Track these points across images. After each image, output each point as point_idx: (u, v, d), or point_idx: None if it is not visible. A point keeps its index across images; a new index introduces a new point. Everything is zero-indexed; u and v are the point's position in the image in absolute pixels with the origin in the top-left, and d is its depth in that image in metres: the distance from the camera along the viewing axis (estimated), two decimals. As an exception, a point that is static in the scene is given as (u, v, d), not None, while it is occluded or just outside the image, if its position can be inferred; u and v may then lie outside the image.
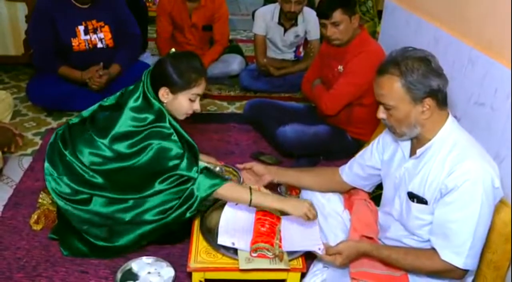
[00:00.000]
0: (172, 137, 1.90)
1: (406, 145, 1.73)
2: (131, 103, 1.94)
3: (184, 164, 1.87)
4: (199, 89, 1.96)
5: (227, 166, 2.37)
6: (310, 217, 1.79)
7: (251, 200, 1.82)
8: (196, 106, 2.00)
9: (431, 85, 1.52)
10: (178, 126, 1.96)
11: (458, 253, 1.53)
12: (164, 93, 1.94)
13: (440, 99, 1.57)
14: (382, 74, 1.57)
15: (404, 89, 1.53)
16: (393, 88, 1.54)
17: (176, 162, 1.87)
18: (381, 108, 1.63)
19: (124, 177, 1.95)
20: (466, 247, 1.52)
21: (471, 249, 1.53)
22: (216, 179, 1.88)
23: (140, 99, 1.94)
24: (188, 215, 1.89)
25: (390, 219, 1.80)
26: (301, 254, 1.78)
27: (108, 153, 1.94)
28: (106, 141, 1.93)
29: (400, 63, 1.54)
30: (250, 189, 1.85)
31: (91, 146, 1.96)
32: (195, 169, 1.87)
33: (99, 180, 1.97)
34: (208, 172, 1.90)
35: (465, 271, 1.57)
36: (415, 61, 1.53)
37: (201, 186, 1.86)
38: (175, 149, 1.88)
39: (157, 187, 1.91)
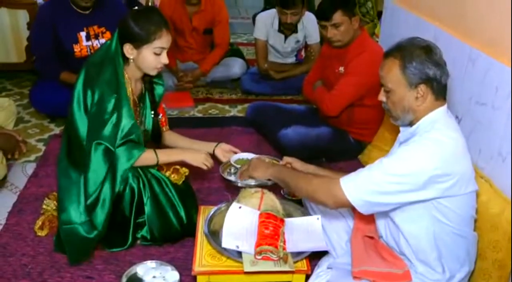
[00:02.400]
0: None
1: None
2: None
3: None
4: (161, 42, 1.98)
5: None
6: (208, 165, 2.11)
7: (158, 160, 2.06)
8: (164, 59, 2.01)
9: (427, 73, 1.58)
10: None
11: (351, 178, 1.60)
12: (128, 49, 1.98)
13: (436, 89, 1.61)
14: (387, 57, 1.67)
15: (401, 72, 1.60)
16: (392, 71, 1.63)
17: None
18: (382, 91, 1.70)
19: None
20: (361, 180, 1.58)
21: (363, 186, 1.57)
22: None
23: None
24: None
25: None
26: (306, 255, 1.79)
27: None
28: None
29: (403, 48, 1.63)
30: (155, 150, 2.06)
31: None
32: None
33: None
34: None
35: (339, 195, 1.59)
36: (418, 48, 1.61)
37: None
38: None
39: None
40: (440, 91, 1.63)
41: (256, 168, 1.99)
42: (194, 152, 2.15)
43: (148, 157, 2.06)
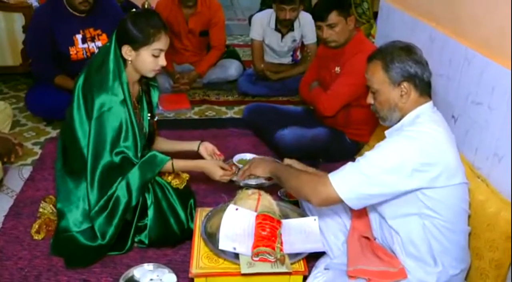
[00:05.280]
0: None
1: None
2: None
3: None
4: (160, 44, 1.98)
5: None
6: (226, 179, 2.13)
7: (174, 169, 2.11)
8: (162, 61, 2.02)
9: (409, 70, 1.67)
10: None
11: (339, 173, 1.65)
12: (126, 51, 1.97)
13: (419, 86, 1.68)
14: (370, 61, 1.76)
15: (384, 72, 1.69)
16: (376, 72, 1.72)
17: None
18: (369, 94, 1.78)
19: None
20: (349, 173, 1.63)
21: (351, 177, 1.61)
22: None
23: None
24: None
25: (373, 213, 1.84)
26: (303, 256, 1.79)
27: None
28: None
29: (384, 51, 1.73)
30: (172, 159, 2.09)
31: None
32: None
33: None
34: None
35: (327, 190, 1.62)
36: (398, 49, 1.70)
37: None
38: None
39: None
40: (423, 88, 1.70)
41: (257, 166, 2.04)
42: (211, 167, 2.15)
43: (166, 167, 2.10)
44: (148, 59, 1.99)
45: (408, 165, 1.55)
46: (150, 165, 2.05)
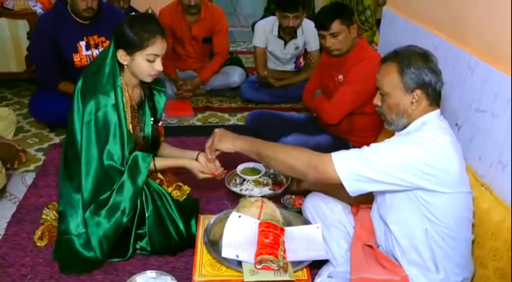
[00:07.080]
0: None
1: None
2: None
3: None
4: (154, 49, 1.96)
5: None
6: (207, 174, 2.10)
7: (155, 167, 2.08)
8: (158, 66, 2.00)
9: (424, 78, 1.64)
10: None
11: (342, 153, 1.65)
12: (122, 55, 1.97)
13: (431, 95, 1.67)
14: (384, 62, 1.73)
15: (398, 76, 1.66)
16: (389, 75, 1.68)
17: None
18: (377, 95, 1.75)
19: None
20: (352, 154, 1.63)
21: (354, 158, 1.61)
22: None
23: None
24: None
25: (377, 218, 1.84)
26: (306, 264, 1.78)
27: None
28: None
29: (401, 54, 1.69)
30: (153, 156, 2.08)
31: None
32: None
33: None
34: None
35: (326, 167, 1.62)
36: (415, 54, 1.68)
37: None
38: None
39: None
40: (434, 97, 1.68)
41: (222, 140, 1.93)
42: (190, 165, 2.14)
43: (150, 167, 2.08)
44: (143, 64, 1.97)
45: (413, 164, 1.55)
46: (136, 169, 2.03)
